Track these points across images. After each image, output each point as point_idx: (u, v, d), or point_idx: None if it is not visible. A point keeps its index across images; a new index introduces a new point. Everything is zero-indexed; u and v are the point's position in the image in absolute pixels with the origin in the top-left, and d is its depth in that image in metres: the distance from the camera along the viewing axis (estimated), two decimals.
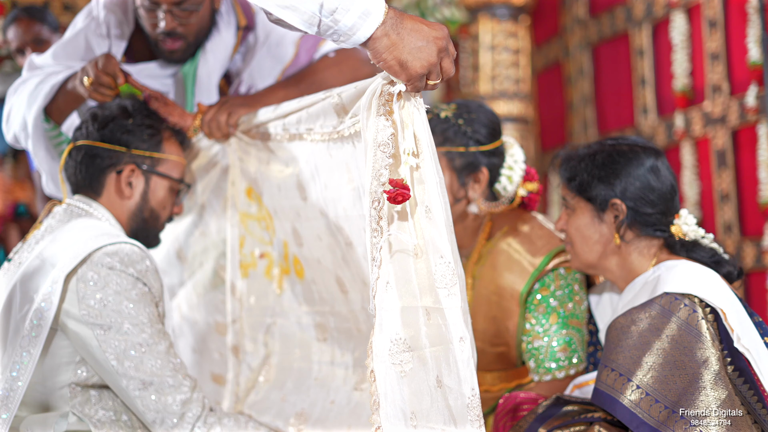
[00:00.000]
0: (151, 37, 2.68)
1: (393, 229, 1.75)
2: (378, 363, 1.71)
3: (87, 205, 2.36)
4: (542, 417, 2.19)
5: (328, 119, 2.11)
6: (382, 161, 1.75)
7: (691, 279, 2.12)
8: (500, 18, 5.41)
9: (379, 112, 1.77)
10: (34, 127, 2.65)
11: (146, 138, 2.40)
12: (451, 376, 1.73)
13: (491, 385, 2.61)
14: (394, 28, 1.70)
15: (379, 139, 1.75)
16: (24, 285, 2.19)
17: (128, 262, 2.21)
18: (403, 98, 1.77)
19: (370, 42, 1.70)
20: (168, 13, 2.58)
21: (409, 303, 1.73)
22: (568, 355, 2.45)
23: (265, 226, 2.65)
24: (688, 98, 4.69)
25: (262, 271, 2.71)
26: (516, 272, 2.50)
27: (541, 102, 6.39)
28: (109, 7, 2.74)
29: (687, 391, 1.98)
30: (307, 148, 2.26)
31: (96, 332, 2.15)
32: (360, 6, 1.67)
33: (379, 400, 1.69)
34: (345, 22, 1.67)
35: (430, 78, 1.75)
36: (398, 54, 1.70)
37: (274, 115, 2.36)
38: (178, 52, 2.69)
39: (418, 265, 1.75)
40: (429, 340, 1.72)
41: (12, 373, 2.13)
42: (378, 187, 1.74)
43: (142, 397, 2.15)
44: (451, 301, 1.74)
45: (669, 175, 2.26)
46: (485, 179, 2.55)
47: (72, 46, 2.75)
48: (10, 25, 4.05)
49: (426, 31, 1.72)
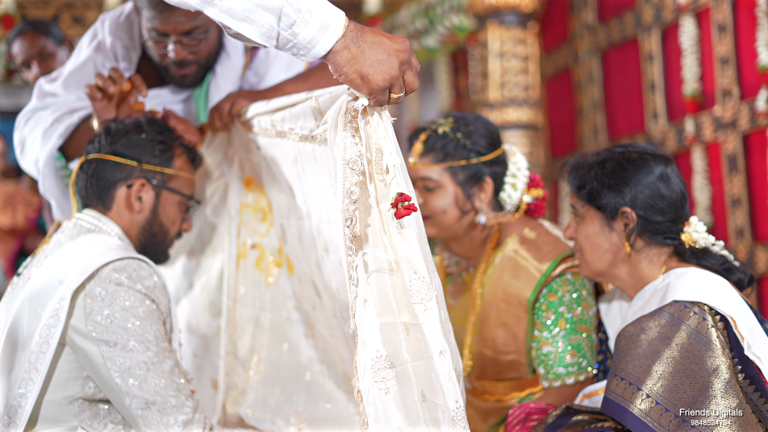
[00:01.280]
0: (161, 65, 2.69)
1: (368, 248, 1.74)
2: (363, 382, 1.70)
3: (96, 220, 2.37)
4: (552, 427, 2.19)
5: (307, 121, 2.10)
6: (352, 178, 1.73)
7: (700, 287, 2.11)
8: (509, 25, 5.40)
9: (345, 129, 1.75)
10: (46, 165, 2.67)
11: (158, 153, 2.41)
12: (434, 390, 1.72)
13: (503, 394, 2.60)
14: (355, 41, 1.68)
15: (347, 156, 1.74)
16: (32, 301, 2.19)
17: (136, 278, 2.21)
18: (369, 113, 1.75)
19: (330, 55, 1.68)
20: (177, 44, 2.59)
21: (388, 320, 1.72)
22: (577, 360, 2.45)
23: (262, 217, 2.66)
24: (698, 103, 4.67)
25: (252, 262, 2.71)
26: (523, 279, 2.50)
27: (550, 108, 6.38)
28: (115, 33, 2.76)
29: (697, 399, 1.97)
30: (295, 147, 2.27)
31: (101, 348, 2.15)
32: (319, 19, 1.65)
33: (367, 420, 1.69)
34: (304, 36, 1.66)
35: (392, 91, 1.73)
36: (359, 67, 1.69)
37: (264, 110, 2.37)
38: (189, 77, 2.70)
39: (394, 281, 1.74)
40: (410, 356, 1.72)
41: (20, 390, 2.13)
42: (350, 206, 1.73)
43: (144, 416, 2.15)
44: (428, 315, 1.74)
45: (679, 182, 2.25)
46: (490, 189, 2.56)
47: (81, 75, 2.77)
48: (15, 39, 4.07)
49: (387, 44, 1.70)
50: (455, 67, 7.83)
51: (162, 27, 2.56)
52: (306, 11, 1.65)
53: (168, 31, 2.57)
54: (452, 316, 2.66)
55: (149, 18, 2.56)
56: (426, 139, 2.57)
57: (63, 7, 7.30)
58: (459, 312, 2.65)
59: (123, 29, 2.77)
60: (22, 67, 4.10)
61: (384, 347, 1.71)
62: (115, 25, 2.78)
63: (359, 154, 1.74)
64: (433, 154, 2.54)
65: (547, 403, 2.39)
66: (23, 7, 7.12)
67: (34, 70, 4.04)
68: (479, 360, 2.58)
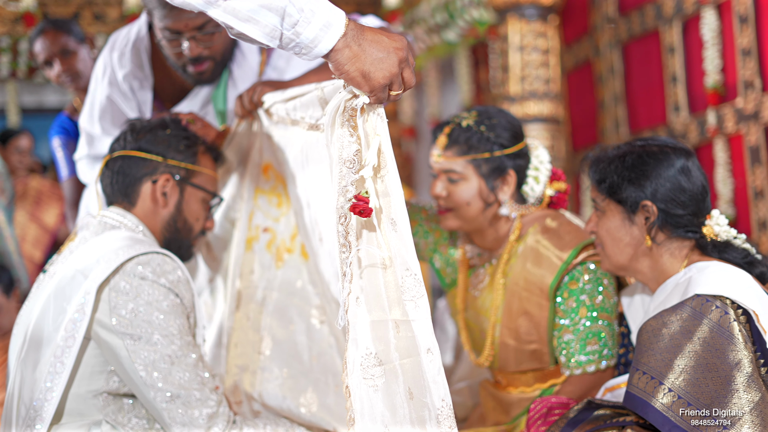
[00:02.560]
0: (177, 64, 2.71)
1: (362, 244, 1.76)
2: (352, 378, 1.72)
3: (121, 217, 2.39)
4: (574, 421, 2.19)
5: (315, 111, 2.13)
6: (348, 177, 1.75)
7: (722, 280, 2.10)
8: (529, 18, 5.39)
9: (343, 127, 1.77)
10: None
11: (182, 149, 2.43)
12: (421, 388, 1.73)
13: (527, 385, 2.62)
14: (355, 40, 1.70)
15: (344, 155, 1.76)
16: (57, 296, 2.22)
17: (160, 272, 2.23)
18: (366, 111, 1.77)
19: (332, 54, 1.70)
20: (191, 40, 2.62)
21: (379, 317, 1.74)
22: (598, 348, 2.47)
23: (277, 203, 2.68)
24: (720, 95, 4.65)
25: (263, 245, 2.74)
26: (544, 267, 2.52)
27: (571, 102, 6.36)
28: (126, 66, 2.81)
29: (719, 393, 1.97)
30: (303, 136, 2.30)
31: (126, 342, 2.17)
32: (321, 18, 1.67)
33: (354, 416, 1.70)
34: (307, 35, 1.68)
35: (392, 89, 1.75)
36: (360, 65, 1.71)
37: (281, 98, 2.40)
38: (206, 73, 2.72)
39: (387, 278, 1.75)
40: (399, 353, 1.73)
41: (46, 384, 2.16)
42: (345, 203, 1.75)
43: (169, 409, 2.17)
44: (419, 312, 1.75)
45: (700, 175, 2.24)
46: (513, 181, 2.58)
47: (110, 115, 2.87)
48: (37, 37, 4.12)
49: (386, 42, 1.73)
50: (476, 61, 7.82)
51: (174, 25, 2.59)
52: (308, 11, 1.67)
53: (180, 28, 2.60)
54: (475, 307, 2.69)
55: (161, 17, 2.59)
56: (450, 132, 2.59)
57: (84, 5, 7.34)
58: (482, 303, 2.66)
59: (131, 60, 2.83)
60: (44, 65, 4.15)
61: (374, 344, 1.73)
62: (124, 58, 2.84)
63: (356, 151, 1.76)
64: (456, 146, 2.57)
65: (568, 397, 2.39)
66: (44, 5, 7.18)
67: (56, 68, 4.09)
68: (502, 350, 2.60)
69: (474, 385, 3.04)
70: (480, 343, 2.69)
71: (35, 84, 7.89)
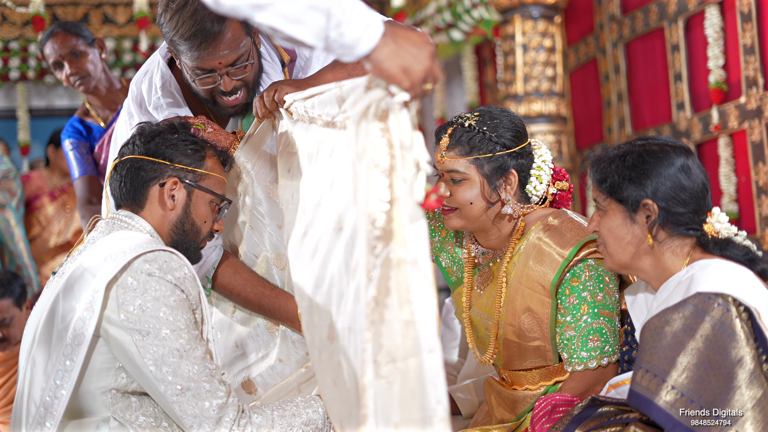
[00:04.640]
0: (207, 98, 2.71)
1: (393, 246, 1.75)
2: (368, 378, 1.73)
3: (129, 218, 2.41)
4: (578, 418, 2.20)
5: (333, 108, 2.13)
6: (380, 181, 1.75)
7: (724, 278, 2.11)
8: (533, 18, 5.42)
9: (372, 130, 1.78)
10: None
11: (190, 153, 2.46)
12: (422, 388, 1.73)
13: (532, 383, 2.64)
14: (392, 37, 1.73)
15: (377, 158, 1.76)
16: (66, 294, 2.24)
17: (167, 269, 2.25)
18: (399, 110, 1.76)
19: (373, 52, 1.73)
20: (225, 76, 2.61)
21: (392, 316, 1.74)
22: (600, 345, 2.49)
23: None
24: (723, 92, 4.66)
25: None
26: (546, 263, 2.54)
27: (576, 100, 6.38)
28: (161, 108, 2.77)
29: (722, 390, 1.98)
30: (317, 133, 2.30)
31: (135, 338, 2.19)
32: (362, 18, 1.70)
33: (367, 413, 1.72)
34: (350, 35, 1.70)
35: (425, 83, 1.77)
36: (400, 61, 1.73)
37: (300, 97, 2.40)
38: (239, 106, 2.73)
39: (400, 278, 1.75)
40: (405, 353, 1.73)
41: (56, 381, 2.19)
42: (377, 204, 1.75)
43: (179, 402, 2.20)
44: (425, 313, 1.74)
45: (700, 173, 2.25)
46: (516, 180, 2.60)
47: None
48: (47, 40, 4.17)
49: (415, 38, 1.75)
50: (481, 60, 7.84)
51: (207, 65, 2.57)
52: (350, 11, 1.70)
53: (214, 66, 2.58)
54: (479, 305, 2.70)
55: (192, 59, 2.56)
56: (452, 132, 2.61)
57: (93, 8, 7.38)
58: (486, 301, 2.68)
59: (168, 106, 2.77)
60: (55, 68, 4.20)
61: (387, 343, 1.73)
62: (160, 103, 2.79)
63: (388, 153, 1.76)
64: (459, 147, 2.58)
65: (572, 394, 2.41)
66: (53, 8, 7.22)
67: (66, 70, 4.14)
68: (506, 348, 2.62)
69: (480, 383, 3.06)
70: (484, 340, 2.71)
71: (45, 86, 7.92)
